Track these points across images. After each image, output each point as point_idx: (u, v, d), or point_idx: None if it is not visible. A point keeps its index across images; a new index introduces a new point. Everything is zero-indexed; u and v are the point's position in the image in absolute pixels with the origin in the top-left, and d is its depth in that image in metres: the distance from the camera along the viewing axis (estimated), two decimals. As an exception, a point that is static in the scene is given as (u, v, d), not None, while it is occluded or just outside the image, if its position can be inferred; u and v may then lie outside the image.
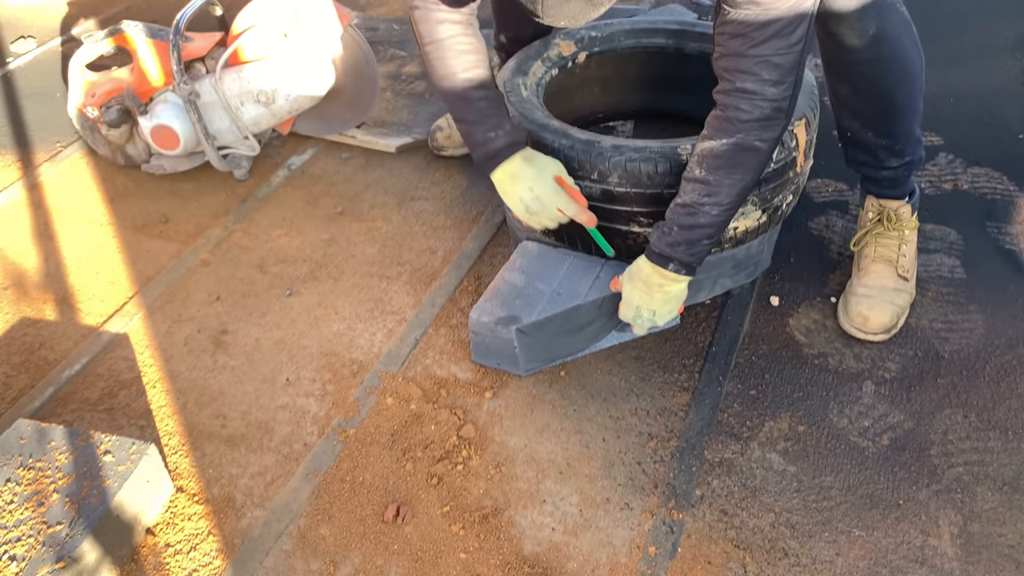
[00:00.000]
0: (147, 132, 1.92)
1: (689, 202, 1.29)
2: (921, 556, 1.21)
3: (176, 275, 1.78)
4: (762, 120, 1.22)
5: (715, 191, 1.27)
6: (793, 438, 1.38)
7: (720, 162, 1.26)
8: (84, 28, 2.80)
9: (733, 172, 1.26)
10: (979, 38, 2.39)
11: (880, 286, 1.54)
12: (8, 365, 1.60)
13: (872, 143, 1.52)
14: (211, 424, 1.46)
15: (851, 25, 1.35)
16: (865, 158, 1.56)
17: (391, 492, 1.33)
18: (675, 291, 1.37)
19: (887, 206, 1.59)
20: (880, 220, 1.58)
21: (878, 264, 1.56)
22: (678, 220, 1.31)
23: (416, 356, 1.56)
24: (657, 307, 1.38)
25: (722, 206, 1.28)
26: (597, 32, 1.79)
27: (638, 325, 1.43)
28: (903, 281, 1.56)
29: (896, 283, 1.55)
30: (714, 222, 1.29)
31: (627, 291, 1.40)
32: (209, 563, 1.25)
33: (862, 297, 1.53)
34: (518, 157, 1.41)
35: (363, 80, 1.99)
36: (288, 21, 1.87)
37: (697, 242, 1.31)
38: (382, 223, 1.89)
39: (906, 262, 1.57)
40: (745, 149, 1.24)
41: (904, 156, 1.52)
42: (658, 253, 1.33)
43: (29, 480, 1.24)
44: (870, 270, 1.57)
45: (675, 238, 1.31)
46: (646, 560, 1.22)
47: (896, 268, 1.56)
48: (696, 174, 1.29)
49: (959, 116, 2.08)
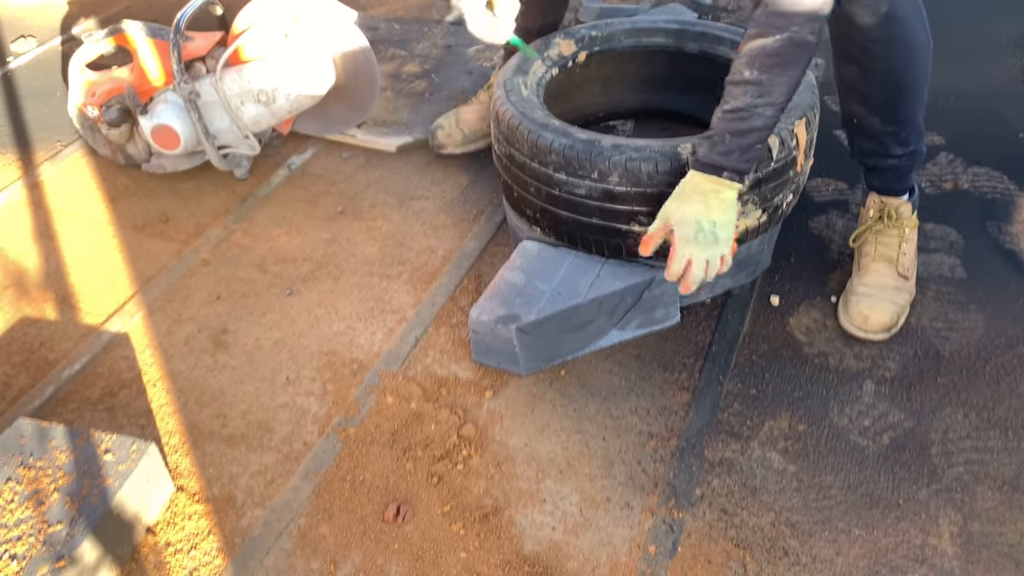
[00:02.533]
0: (147, 132, 1.92)
1: (742, 106, 1.28)
2: (921, 555, 1.21)
3: (176, 274, 1.78)
4: (812, 12, 1.24)
5: (768, 91, 1.27)
6: (793, 437, 1.38)
7: (774, 60, 1.26)
8: (84, 27, 2.80)
9: (787, 69, 1.26)
10: (980, 36, 2.39)
11: (880, 285, 1.54)
12: (8, 364, 1.60)
13: (878, 129, 1.52)
14: (211, 423, 1.46)
15: (864, 3, 1.36)
16: (871, 147, 1.56)
17: (391, 491, 1.33)
18: (730, 198, 1.33)
19: (888, 203, 1.59)
20: (881, 217, 1.59)
21: (878, 263, 1.56)
22: (730, 127, 1.30)
23: (416, 355, 1.56)
24: (716, 216, 1.32)
25: (775, 105, 1.28)
26: (597, 32, 1.79)
27: (700, 241, 1.32)
28: (903, 280, 1.56)
29: (896, 282, 1.55)
30: (768, 123, 1.29)
31: (681, 211, 1.33)
32: (209, 562, 1.25)
33: (862, 296, 1.53)
34: None
35: (363, 79, 1.99)
36: (288, 21, 1.87)
37: (751, 147, 1.31)
38: (382, 222, 1.89)
39: (906, 261, 1.57)
40: (798, 44, 1.25)
41: (908, 145, 1.53)
42: (709, 164, 1.32)
43: (29, 479, 1.24)
44: (870, 269, 1.57)
45: (729, 146, 1.30)
46: (646, 559, 1.22)
47: (896, 267, 1.56)
48: (746, 76, 1.28)
49: (960, 115, 2.08)
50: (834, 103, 2.16)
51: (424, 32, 2.60)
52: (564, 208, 1.49)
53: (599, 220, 1.46)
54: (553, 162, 1.45)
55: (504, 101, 1.56)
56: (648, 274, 1.50)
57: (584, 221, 1.48)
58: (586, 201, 1.45)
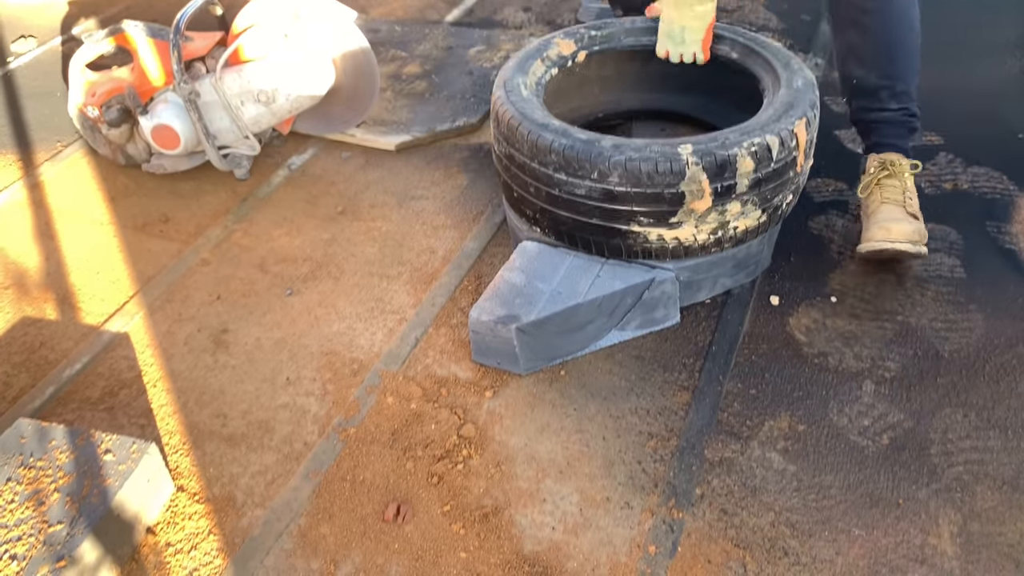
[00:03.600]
0: (147, 132, 1.92)
1: None
2: (921, 555, 1.21)
3: (177, 274, 1.79)
4: None
5: None
6: (793, 437, 1.38)
7: None
8: (84, 27, 2.81)
9: None
10: (980, 37, 2.39)
11: (892, 216, 1.61)
12: (9, 364, 1.60)
13: (875, 84, 1.67)
14: (212, 423, 1.46)
15: None
16: (867, 103, 1.69)
17: (391, 491, 1.33)
18: (702, 11, 1.62)
19: (887, 157, 1.68)
20: (883, 168, 1.66)
21: (888, 204, 1.64)
22: None
23: (416, 355, 1.56)
24: (687, 23, 1.65)
25: None
26: (597, 31, 1.79)
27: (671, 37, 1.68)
28: (914, 219, 1.62)
29: (908, 217, 1.61)
30: None
31: (666, 11, 1.68)
32: (210, 562, 1.25)
33: (881, 221, 1.61)
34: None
35: (363, 79, 2.00)
36: (288, 21, 1.88)
37: None
38: (382, 223, 1.89)
39: (913, 204, 1.64)
40: None
41: (903, 102, 1.67)
42: None
43: (30, 479, 1.24)
44: (881, 209, 1.64)
45: None
46: (646, 559, 1.23)
47: (905, 207, 1.63)
48: None
49: (959, 115, 2.08)
50: (834, 103, 2.16)
51: (425, 34, 2.60)
52: (564, 208, 1.49)
53: (599, 220, 1.46)
54: (553, 162, 1.45)
55: (504, 101, 1.56)
56: (648, 275, 1.50)
57: (584, 221, 1.48)
58: (586, 201, 1.45)
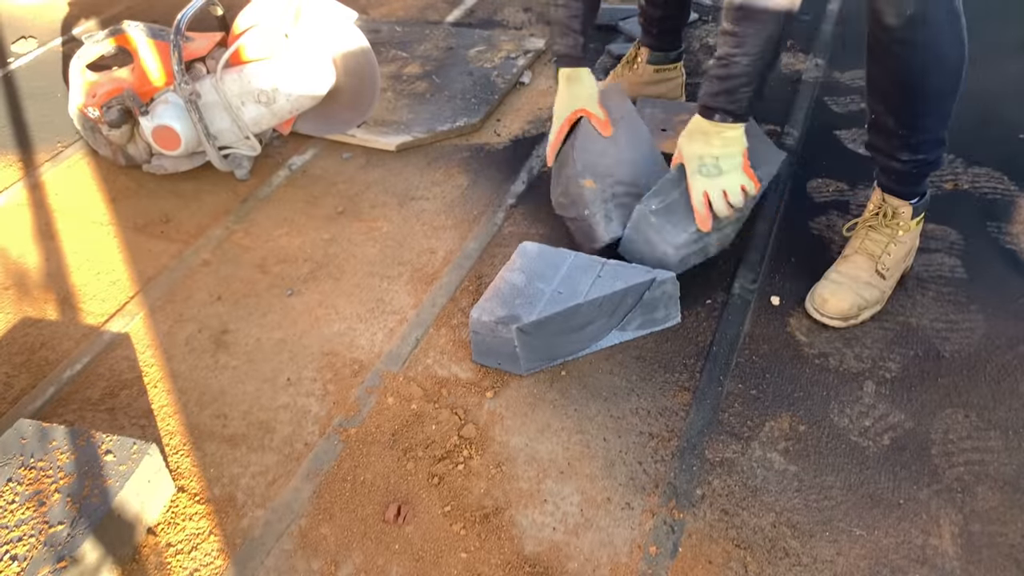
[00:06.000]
0: (148, 132, 1.92)
1: (722, 55, 1.43)
2: (922, 556, 1.21)
3: (177, 275, 1.79)
4: None
5: (742, 42, 1.39)
6: (794, 438, 1.38)
7: (742, 13, 1.38)
8: (85, 28, 2.81)
9: (755, 23, 1.37)
10: (981, 38, 2.38)
11: (853, 276, 1.56)
12: (9, 365, 1.60)
13: (890, 129, 1.51)
14: (212, 424, 1.46)
15: (890, 1, 1.36)
16: (881, 144, 1.54)
17: (392, 492, 1.33)
18: (732, 136, 1.51)
19: (889, 202, 1.58)
20: (878, 214, 1.59)
21: (859, 256, 1.59)
22: (715, 72, 1.45)
23: (417, 356, 1.56)
24: (718, 151, 1.52)
25: (750, 56, 1.40)
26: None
27: (704, 174, 1.53)
28: (879, 278, 1.56)
29: (871, 278, 1.56)
30: (746, 71, 1.41)
31: (688, 148, 1.54)
32: (210, 563, 1.25)
33: (830, 282, 1.57)
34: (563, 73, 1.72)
35: (364, 80, 1.99)
36: (289, 21, 1.88)
37: (735, 90, 1.44)
38: (383, 223, 1.89)
39: (889, 261, 1.57)
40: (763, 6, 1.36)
41: (918, 153, 1.50)
42: (704, 106, 1.49)
43: (30, 480, 1.24)
44: (849, 259, 1.59)
45: (715, 88, 1.46)
46: (647, 560, 1.22)
47: (876, 264, 1.57)
48: (725, 27, 1.41)
49: (960, 115, 2.06)
50: (834, 103, 2.16)
51: (425, 34, 2.60)
52: None
53: None
54: None
55: None
56: (649, 275, 1.50)
57: None
58: None
